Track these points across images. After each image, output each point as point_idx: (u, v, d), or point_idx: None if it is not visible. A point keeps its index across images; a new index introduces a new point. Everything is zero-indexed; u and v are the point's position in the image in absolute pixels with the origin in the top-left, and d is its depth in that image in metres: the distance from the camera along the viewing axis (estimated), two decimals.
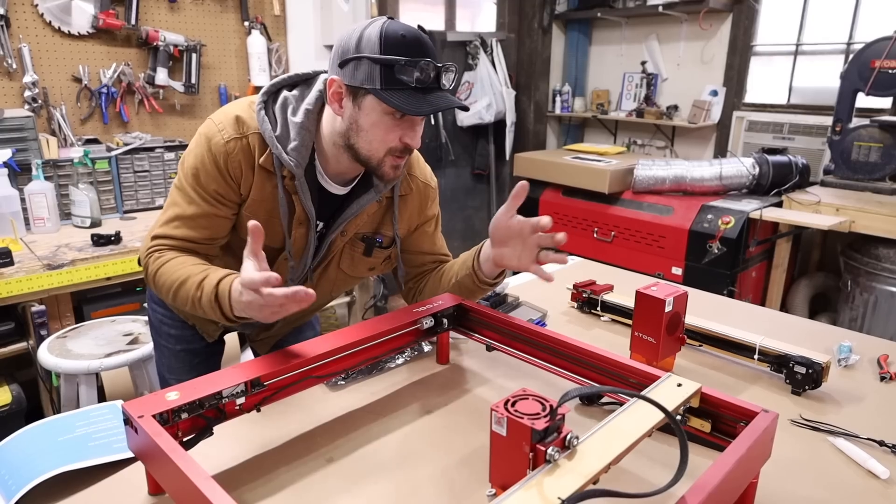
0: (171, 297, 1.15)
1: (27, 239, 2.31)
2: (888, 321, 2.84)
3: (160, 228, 1.19)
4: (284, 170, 1.15)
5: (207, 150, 1.13)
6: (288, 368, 0.96)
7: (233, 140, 1.13)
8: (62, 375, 1.99)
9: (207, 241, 1.19)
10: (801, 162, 3.26)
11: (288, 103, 1.17)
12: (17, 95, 2.56)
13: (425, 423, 1.05)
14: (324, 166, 1.20)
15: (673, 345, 1.19)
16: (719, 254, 3.00)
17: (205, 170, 1.14)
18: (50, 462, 0.88)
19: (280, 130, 1.14)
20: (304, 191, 1.17)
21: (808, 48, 3.65)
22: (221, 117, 1.15)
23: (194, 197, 1.16)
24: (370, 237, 1.31)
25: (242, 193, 1.17)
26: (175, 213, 1.17)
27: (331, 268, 1.32)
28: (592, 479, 0.68)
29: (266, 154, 1.14)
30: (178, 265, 1.14)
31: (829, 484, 0.92)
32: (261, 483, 0.89)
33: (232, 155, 1.13)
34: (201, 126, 1.17)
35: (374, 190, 1.23)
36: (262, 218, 1.17)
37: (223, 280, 1.06)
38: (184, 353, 1.45)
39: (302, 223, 1.21)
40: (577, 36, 4.57)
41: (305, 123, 1.15)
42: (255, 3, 3.15)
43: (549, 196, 3.74)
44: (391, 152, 1.12)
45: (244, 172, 1.15)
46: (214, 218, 1.18)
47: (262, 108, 1.15)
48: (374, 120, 1.08)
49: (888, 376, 1.23)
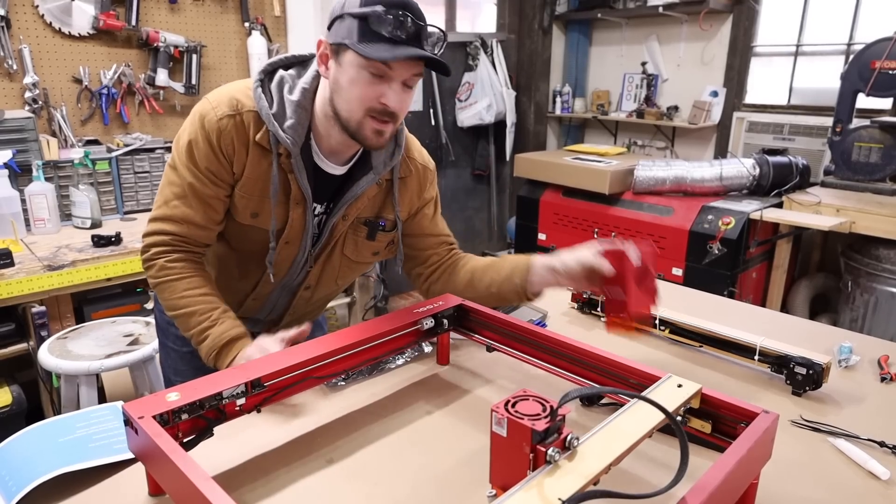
0: (172, 317, 1.20)
1: (28, 240, 2.31)
2: (889, 322, 2.84)
3: (159, 210, 1.19)
4: (280, 147, 1.14)
5: (200, 127, 1.13)
6: (288, 369, 0.96)
7: (226, 117, 1.12)
8: (62, 376, 1.99)
9: (205, 225, 1.19)
10: (801, 163, 3.26)
11: (284, 82, 1.16)
12: (18, 96, 2.56)
13: (425, 424, 1.05)
14: (319, 144, 1.19)
15: (644, 298, 1.14)
16: (720, 254, 3.00)
17: (198, 147, 1.14)
18: (50, 463, 0.88)
19: (276, 108, 1.14)
20: (300, 169, 1.16)
21: (808, 49, 3.65)
22: (216, 96, 1.15)
23: (187, 175, 1.15)
24: (372, 221, 1.30)
25: (235, 172, 1.16)
26: (171, 193, 1.18)
27: (335, 253, 1.31)
28: (593, 479, 0.68)
29: (262, 131, 1.13)
30: (184, 289, 1.17)
31: (829, 485, 0.92)
32: (261, 484, 0.89)
33: (225, 132, 1.13)
34: (197, 104, 1.17)
35: (372, 172, 1.23)
36: (256, 197, 1.18)
37: (234, 342, 1.15)
38: (191, 355, 1.42)
39: (299, 203, 1.20)
40: (577, 37, 4.57)
41: (302, 101, 1.14)
42: (256, 3, 3.15)
43: (550, 197, 3.73)
44: (370, 113, 1.09)
45: (237, 150, 1.14)
46: (210, 198, 1.17)
47: (258, 86, 1.15)
48: (351, 76, 1.07)
49: (889, 377, 1.22)
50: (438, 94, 4.29)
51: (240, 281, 1.33)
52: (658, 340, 1.38)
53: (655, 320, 1.37)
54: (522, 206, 3.91)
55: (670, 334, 1.36)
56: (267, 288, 1.32)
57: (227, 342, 1.15)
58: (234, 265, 1.31)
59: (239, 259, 1.30)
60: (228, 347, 1.16)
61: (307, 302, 1.40)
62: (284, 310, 1.40)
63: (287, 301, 1.38)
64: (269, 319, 1.42)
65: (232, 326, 1.17)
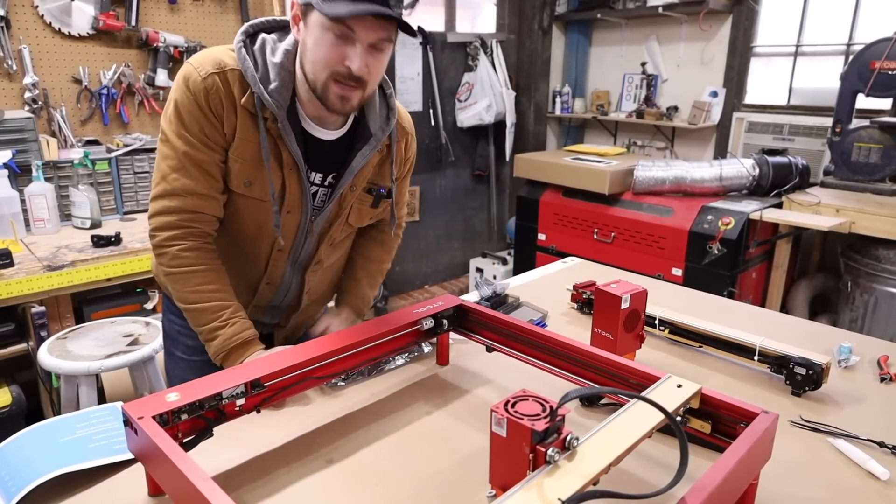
0: (183, 309, 1.20)
1: (27, 240, 2.31)
2: (888, 322, 2.84)
3: (159, 187, 1.16)
4: (266, 111, 1.12)
5: (186, 89, 1.11)
6: (288, 370, 0.96)
7: (210, 76, 1.10)
8: (62, 376, 1.99)
9: (208, 193, 1.16)
10: (800, 163, 3.27)
11: (266, 44, 1.15)
12: (18, 97, 2.56)
13: (425, 424, 1.05)
14: (303, 109, 1.18)
15: (631, 342, 1.20)
16: (719, 255, 3.00)
17: (186, 111, 1.12)
18: (50, 463, 0.88)
19: (261, 71, 1.12)
20: (287, 133, 1.14)
21: (807, 49, 3.65)
22: (199, 58, 1.14)
23: (180, 144, 1.13)
24: (376, 189, 1.31)
25: (227, 133, 1.14)
26: (168, 166, 1.15)
27: (342, 224, 1.32)
28: (592, 480, 0.68)
29: (248, 95, 1.12)
30: (197, 283, 1.17)
31: (829, 485, 0.92)
32: (260, 484, 0.89)
33: (212, 91, 1.11)
34: (179, 70, 1.15)
35: (373, 139, 1.22)
36: (249, 163, 1.16)
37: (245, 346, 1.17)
38: (200, 364, 1.38)
39: (292, 169, 1.18)
40: (577, 37, 4.57)
41: (285, 63, 1.13)
42: (256, 3, 3.15)
43: (549, 197, 3.74)
44: (334, 77, 1.07)
45: (226, 109, 1.12)
46: (207, 164, 1.15)
47: (241, 46, 1.13)
48: (316, 37, 1.05)
49: (888, 377, 1.23)
50: (438, 94, 4.29)
51: (252, 264, 1.31)
52: (658, 340, 1.38)
53: (655, 321, 1.37)
54: (522, 206, 3.91)
55: (670, 334, 1.36)
56: (279, 267, 1.31)
57: (238, 345, 1.15)
58: (243, 249, 1.29)
59: (247, 241, 1.28)
60: (239, 351, 1.15)
61: (319, 280, 1.40)
62: (299, 292, 1.38)
63: (300, 281, 1.37)
64: (286, 305, 1.40)
65: (243, 328, 1.17)
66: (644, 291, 1.19)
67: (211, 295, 1.17)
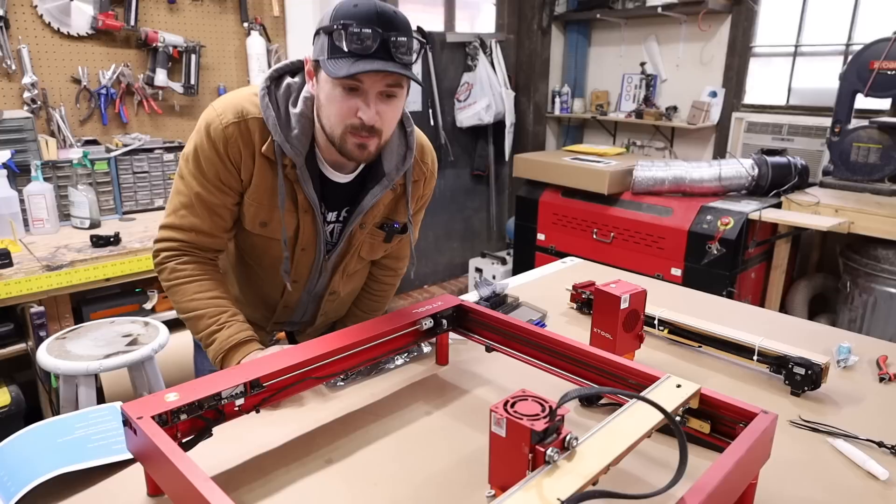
0: (183, 319, 1.22)
1: (26, 240, 2.31)
2: (887, 322, 2.84)
3: (168, 218, 1.21)
4: (286, 158, 1.15)
5: (207, 136, 1.14)
6: (287, 369, 0.96)
7: (231, 125, 1.13)
8: (61, 377, 1.98)
9: (212, 233, 1.20)
10: (800, 163, 3.27)
11: (291, 91, 1.17)
12: (17, 96, 2.56)
13: (425, 424, 1.05)
14: (321, 153, 1.20)
15: (630, 342, 1.20)
16: (718, 255, 3.00)
17: (205, 156, 1.15)
18: (49, 463, 0.88)
19: (283, 119, 1.14)
20: (305, 179, 1.17)
21: (807, 49, 3.65)
22: (222, 103, 1.16)
23: (193, 184, 1.16)
24: (388, 224, 1.32)
25: (243, 179, 1.17)
26: (179, 202, 1.19)
27: (353, 258, 1.34)
28: (592, 480, 0.68)
29: (268, 143, 1.14)
30: (194, 292, 1.19)
31: (828, 485, 0.92)
32: (260, 484, 0.89)
33: (231, 140, 1.13)
34: (203, 112, 1.17)
35: (385, 179, 1.23)
36: (265, 206, 1.20)
37: (240, 346, 1.16)
38: None
39: (307, 211, 1.21)
40: (576, 37, 4.57)
41: (305, 111, 1.15)
42: (255, 4, 3.15)
43: (549, 197, 3.74)
44: (350, 129, 1.08)
45: (244, 158, 1.15)
46: (217, 206, 1.18)
47: (265, 94, 1.14)
48: (327, 93, 1.07)
49: (887, 377, 1.23)
50: (437, 94, 4.29)
51: (268, 292, 1.35)
52: (657, 340, 1.38)
53: (654, 321, 1.37)
54: (521, 206, 3.91)
55: (669, 334, 1.36)
56: (293, 297, 1.34)
57: (233, 346, 1.16)
58: (260, 279, 1.34)
59: (263, 273, 1.32)
60: (234, 351, 1.16)
61: (334, 304, 1.44)
62: (315, 312, 1.43)
63: (315, 306, 1.41)
64: (303, 321, 1.46)
65: (238, 330, 1.18)
66: (643, 291, 1.20)
67: (207, 301, 1.19)
